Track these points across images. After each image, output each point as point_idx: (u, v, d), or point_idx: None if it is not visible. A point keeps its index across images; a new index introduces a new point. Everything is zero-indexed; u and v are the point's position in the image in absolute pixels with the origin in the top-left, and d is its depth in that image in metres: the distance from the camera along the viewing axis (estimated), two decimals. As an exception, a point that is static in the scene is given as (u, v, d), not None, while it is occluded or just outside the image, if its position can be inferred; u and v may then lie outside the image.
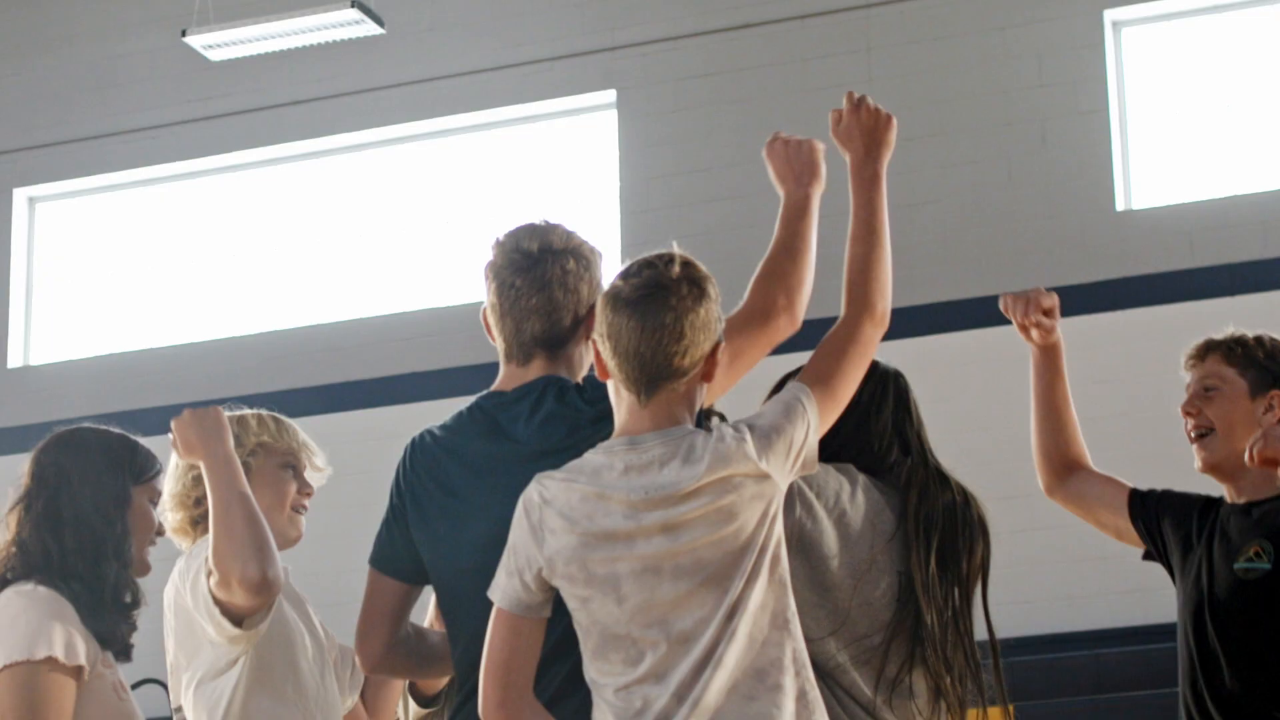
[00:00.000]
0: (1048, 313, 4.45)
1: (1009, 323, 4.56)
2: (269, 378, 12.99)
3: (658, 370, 3.25)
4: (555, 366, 3.66)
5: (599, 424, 3.44)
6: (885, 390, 3.86)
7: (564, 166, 13.09)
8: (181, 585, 4.16)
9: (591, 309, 3.62)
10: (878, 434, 3.83)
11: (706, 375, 3.31)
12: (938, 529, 3.73)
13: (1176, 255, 11.43)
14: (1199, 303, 11.07)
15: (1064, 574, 11.03)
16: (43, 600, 3.82)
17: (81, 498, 3.95)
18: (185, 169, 13.78)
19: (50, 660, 3.76)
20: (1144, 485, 4.50)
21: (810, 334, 3.65)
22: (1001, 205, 11.76)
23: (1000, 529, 4.09)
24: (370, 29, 12.08)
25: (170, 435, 4.06)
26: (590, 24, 12.93)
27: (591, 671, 3.26)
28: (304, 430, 4.65)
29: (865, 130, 3.78)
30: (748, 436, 3.24)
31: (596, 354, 3.33)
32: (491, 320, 3.72)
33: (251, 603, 4.02)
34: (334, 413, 12.49)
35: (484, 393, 3.73)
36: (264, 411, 4.53)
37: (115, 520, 3.96)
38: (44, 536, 3.91)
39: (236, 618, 4.08)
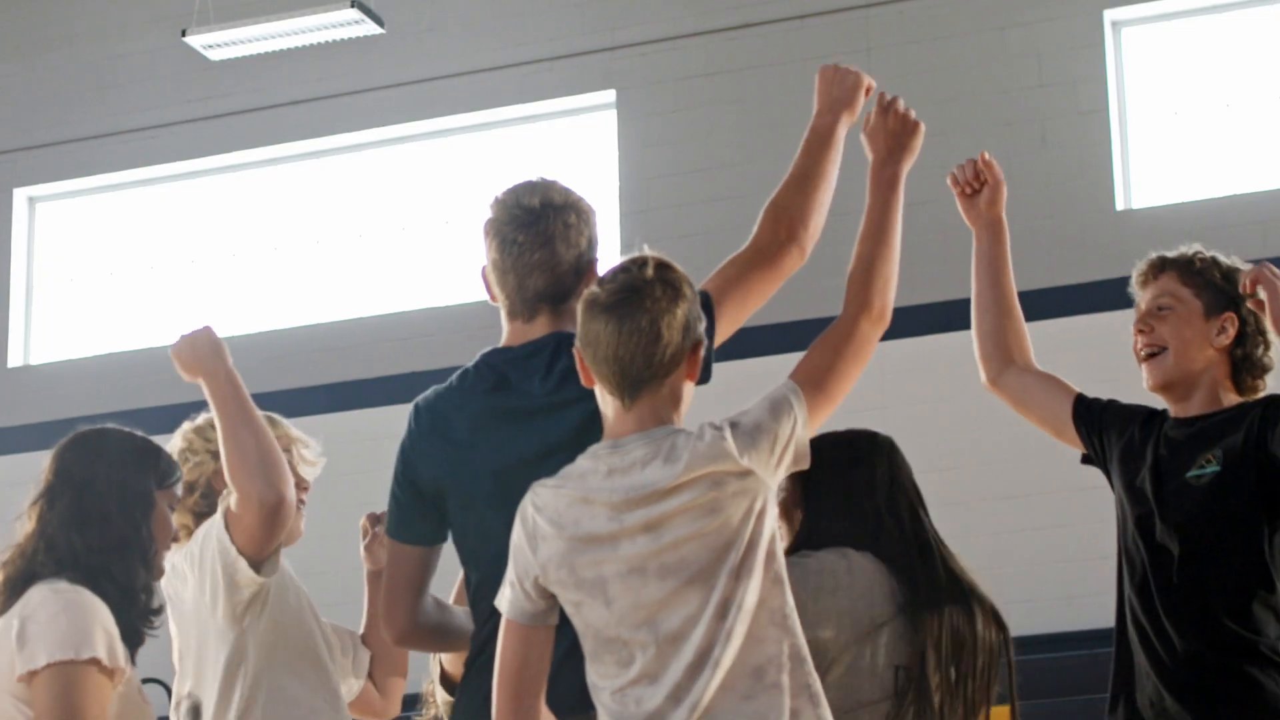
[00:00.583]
0: (994, 184, 4.47)
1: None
2: (268, 377, 12.98)
3: (638, 373, 3.26)
4: (560, 322, 3.65)
5: None
6: (879, 464, 3.85)
7: (564, 166, 13.08)
8: (196, 550, 4.18)
9: (592, 263, 3.67)
10: (872, 511, 3.80)
11: (690, 375, 3.32)
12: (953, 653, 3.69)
13: (1176, 255, 11.43)
14: (1199, 302, 11.07)
15: (1064, 574, 11.02)
16: (82, 600, 3.79)
17: (108, 498, 3.92)
18: (185, 169, 13.78)
19: (94, 661, 3.73)
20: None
21: (810, 335, 3.63)
22: (1001, 205, 11.76)
23: (1000, 529, 4.10)
24: (370, 29, 12.08)
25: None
26: (590, 24, 12.93)
27: (591, 675, 3.28)
28: (303, 429, 4.66)
29: (892, 134, 3.81)
30: (728, 434, 3.24)
31: (580, 360, 3.34)
32: (493, 278, 3.71)
33: (270, 522, 4.06)
34: (333, 412, 12.48)
35: (488, 349, 3.72)
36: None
37: (140, 523, 3.93)
38: (70, 533, 3.88)
39: (255, 562, 4.11)
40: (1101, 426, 4.34)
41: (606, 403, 3.32)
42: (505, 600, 3.30)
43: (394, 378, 12.65)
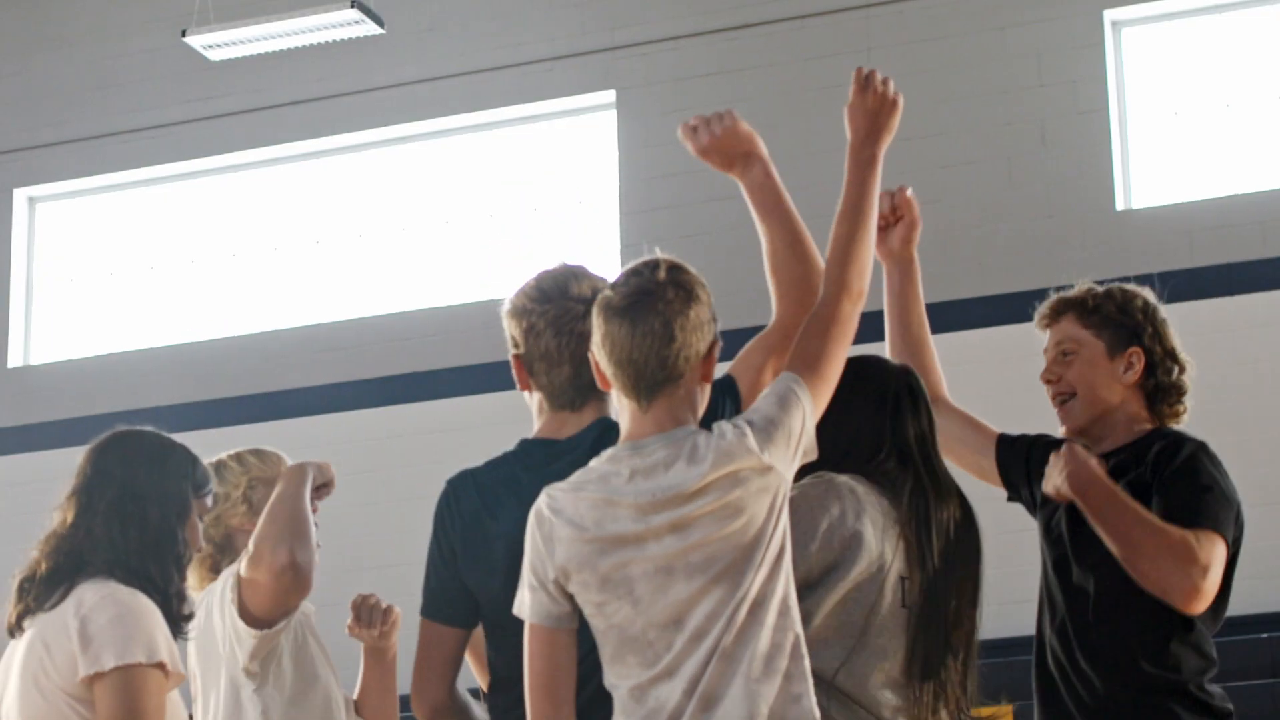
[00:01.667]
0: (910, 222, 4.40)
1: (1009, 322, 4.54)
2: (268, 378, 12.99)
3: (653, 374, 3.27)
4: (604, 409, 3.66)
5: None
6: (884, 391, 3.77)
7: (564, 167, 13.09)
8: (217, 595, 4.20)
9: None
10: (869, 435, 3.73)
11: (705, 376, 3.33)
12: (938, 550, 3.65)
13: (1176, 255, 11.43)
14: (1199, 302, 11.07)
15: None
16: (140, 603, 3.77)
17: (148, 500, 3.90)
18: (185, 169, 13.78)
19: (159, 665, 3.73)
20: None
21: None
22: (1001, 205, 11.77)
23: (999, 529, 4.10)
24: (370, 29, 12.08)
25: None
26: (590, 24, 12.94)
27: (610, 676, 3.28)
28: (303, 430, 4.68)
29: (869, 113, 3.74)
30: (748, 431, 3.26)
31: (595, 365, 3.35)
32: (540, 368, 3.66)
33: (271, 585, 4.08)
34: (334, 413, 12.49)
35: (530, 439, 3.71)
36: (241, 450, 4.60)
37: (176, 527, 3.92)
38: (112, 531, 3.86)
39: (257, 620, 4.12)
40: (1024, 464, 4.31)
41: (623, 405, 3.33)
42: (527, 606, 3.29)
43: (394, 378, 12.65)
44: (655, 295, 3.29)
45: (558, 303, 3.66)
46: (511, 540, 3.54)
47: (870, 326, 4.12)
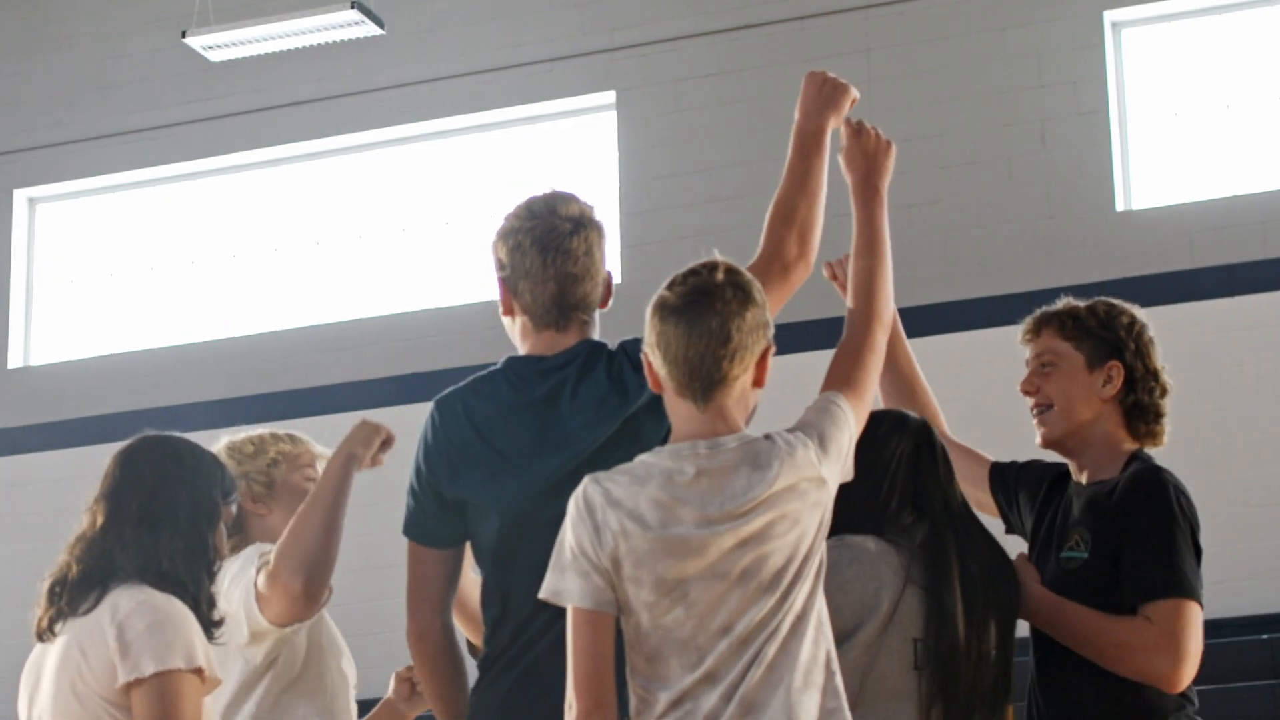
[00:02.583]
0: None
1: (1009, 323, 4.52)
2: (269, 379, 12.99)
3: (709, 375, 3.29)
4: (588, 331, 3.74)
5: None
6: (899, 446, 3.79)
7: (564, 167, 13.09)
8: (224, 583, 4.20)
9: (610, 276, 3.78)
10: (885, 491, 3.75)
11: (758, 380, 3.35)
12: (961, 607, 3.65)
13: (1176, 256, 11.43)
14: (1199, 303, 11.07)
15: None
16: (175, 608, 3.77)
17: (180, 505, 3.89)
18: (185, 170, 13.78)
19: (197, 670, 3.73)
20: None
21: (815, 333, 3.65)
22: (1001, 206, 11.77)
23: (998, 529, 4.09)
24: (370, 30, 12.08)
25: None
26: (590, 25, 12.94)
27: (643, 676, 3.27)
28: (306, 432, 4.68)
29: (868, 154, 3.92)
30: (810, 442, 3.31)
31: (648, 365, 3.36)
32: (523, 286, 3.72)
33: (285, 606, 4.11)
34: (334, 414, 12.48)
35: (516, 356, 3.74)
36: (280, 429, 4.59)
37: (207, 533, 3.92)
38: (143, 536, 3.85)
39: (269, 615, 4.14)
40: (1016, 492, 4.29)
41: (676, 405, 3.33)
42: (577, 592, 3.26)
43: (394, 379, 12.65)
44: (714, 295, 3.31)
45: (545, 219, 3.75)
46: (505, 459, 3.58)
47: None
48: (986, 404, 11.32)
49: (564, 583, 3.27)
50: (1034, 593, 3.93)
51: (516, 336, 3.79)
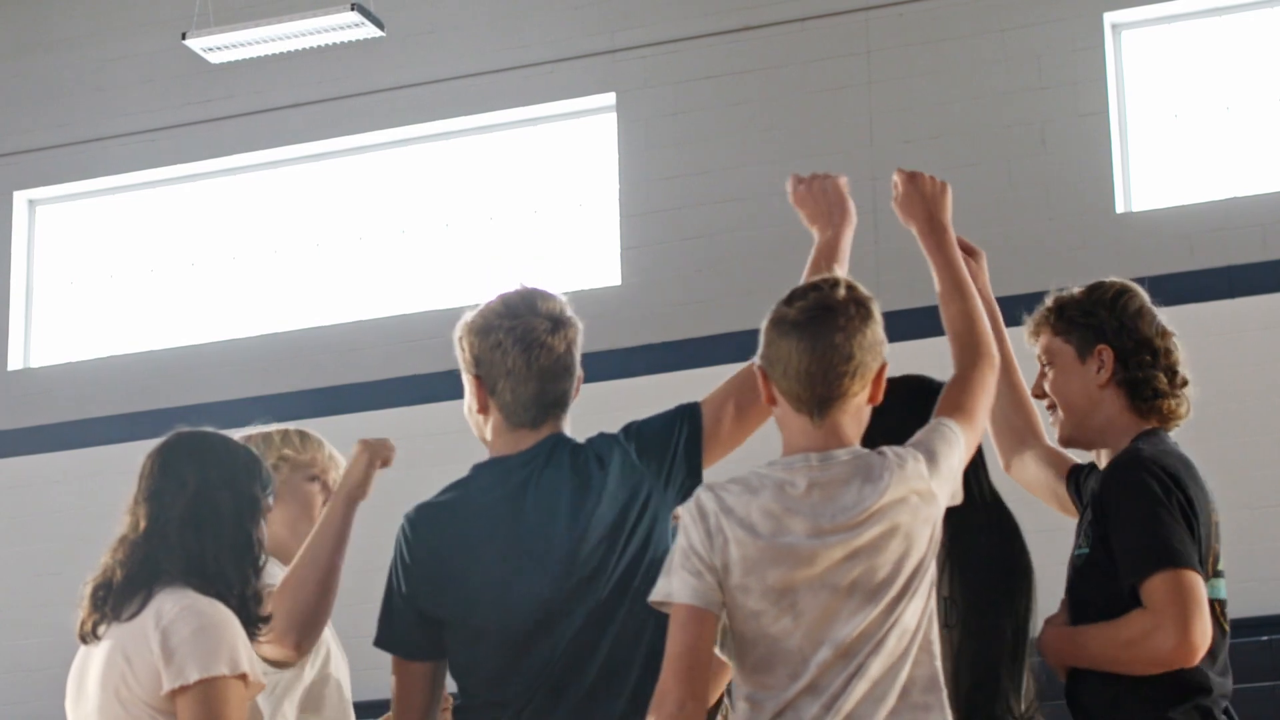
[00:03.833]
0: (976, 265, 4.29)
1: (1009, 325, 4.50)
2: (269, 380, 12.99)
3: (828, 390, 3.31)
4: (558, 426, 3.72)
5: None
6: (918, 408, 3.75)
7: (564, 169, 13.09)
8: None
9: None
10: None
11: (873, 397, 3.38)
12: (976, 573, 3.66)
13: (1176, 257, 11.42)
14: (1199, 305, 11.06)
15: (1064, 575, 11.01)
16: (219, 612, 3.75)
17: (222, 502, 3.85)
18: (185, 172, 13.78)
19: (242, 676, 3.71)
20: None
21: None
22: (1001, 207, 11.76)
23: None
24: (370, 32, 12.08)
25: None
26: (590, 27, 12.93)
27: (748, 685, 3.28)
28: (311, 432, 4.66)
29: (928, 196, 3.90)
30: (921, 457, 3.32)
31: (763, 380, 3.37)
32: (503, 385, 3.70)
33: (276, 654, 4.09)
34: (335, 415, 12.48)
35: (482, 463, 3.74)
36: (290, 427, 4.56)
37: (251, 529, 3.88)
38: (188, 536, 3.81)
39: (261, 653, 4.14)
40: (1082, 492, 4.20)
41: (791, 419, 3.35)
42: (687, 589, 3.26)
43: (395, 380, 12.64)
44: (836, 311, 3.33)
45: (525, 318, 3.68)
46: (481, 567, 3.57)
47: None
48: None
49: (673, 584, 3.28)
50: (1046, 635, 3.91)
51: (488, 433, 3.77)
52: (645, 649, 3.56)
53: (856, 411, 3.36)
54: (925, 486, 3.30)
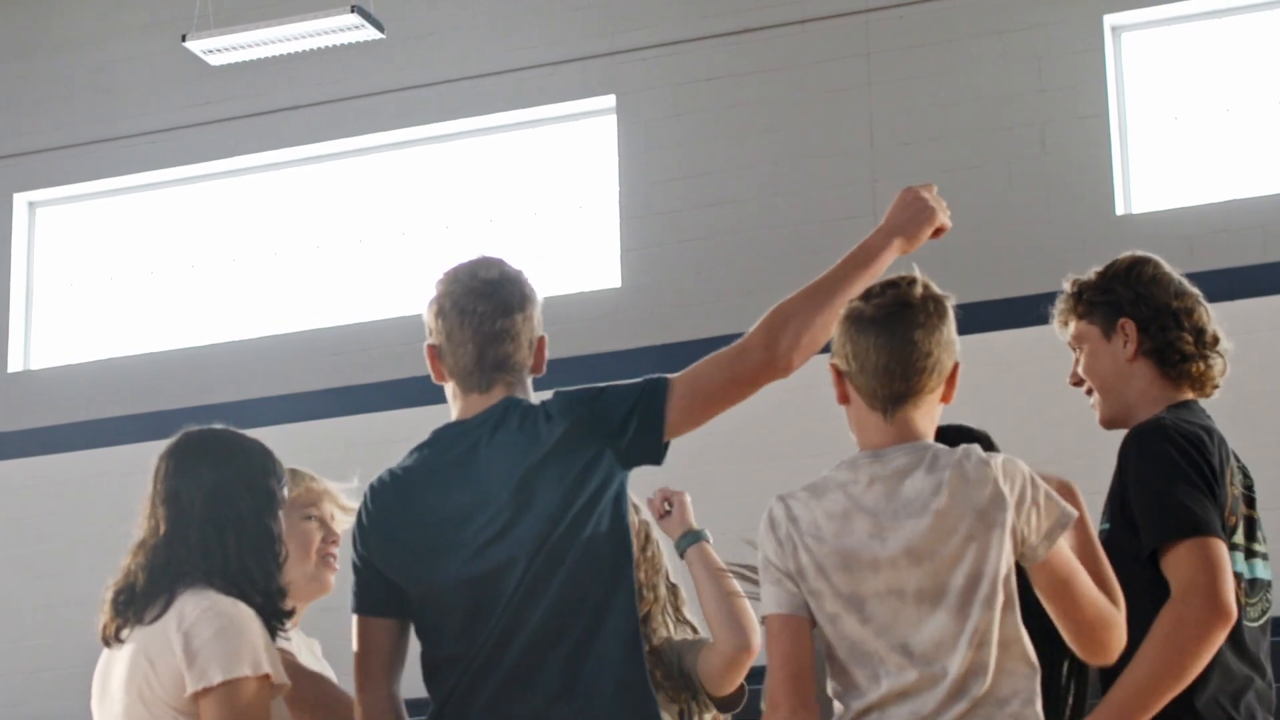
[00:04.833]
0: None
1: (1009, 327, 4.51)
2: (270, 382, 12.99)
3: (906, 387, 3.32)
4: (513, 391, 3.77)
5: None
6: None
7: (564, 171, 13.09)
8: None
9: (542, 340, 3.79)
10: None
11: (945, 396, 3.39)
12: None
13: (1176, 259, 11.25)
14: (1199, 307, 11.06)
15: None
16: (241, 613, 3.74)
17: (240, 499, 3.84)
18: (185, 174, 13.78)
19: (265, 677, 3.71)
20: None
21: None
22: (1001, 210, 11.76)
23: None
24: (370, 34, 12.08)
25: None
26: (590, 29, 12.93)
27: (836, 684, 3.30)
28: (304, 434, 4.65)
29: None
30: (993, 460, 3.29)
31: (837, 377, 3.37)
32: (446, 350, 3.79)
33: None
34: (335, 416, 12.49)
35: (442, 426, 3.81)
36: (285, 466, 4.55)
37: (271, 524, 3.87)
38: (208, 536, 3.80)
39: None
40: None
41: (865, 416, 3.35)
42: (771, 599, 3.30)
43: (395, 381, 12.64)
44: (914, 309, 3.36)
45: (464, 283, 3.76)
46: (431, 529, 3.66)
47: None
48: (987, 408, 11.32)
49: (764, 598, 3.32)
50: (1111, 698, 3.68)
51: (451, 403, 3.83)
52: (592, 605, 3.62)
53: (929, 409, 3.36)
54: (994, 490, 3.24)
